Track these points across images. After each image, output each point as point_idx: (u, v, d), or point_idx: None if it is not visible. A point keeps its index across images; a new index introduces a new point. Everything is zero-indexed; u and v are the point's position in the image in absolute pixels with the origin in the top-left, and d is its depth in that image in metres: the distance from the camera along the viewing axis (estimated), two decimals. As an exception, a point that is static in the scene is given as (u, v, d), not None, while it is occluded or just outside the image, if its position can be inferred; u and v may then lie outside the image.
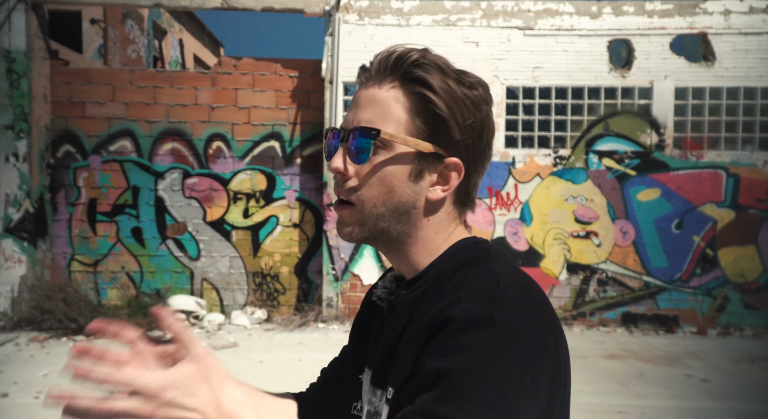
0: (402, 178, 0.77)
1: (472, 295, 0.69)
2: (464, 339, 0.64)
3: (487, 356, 0.62)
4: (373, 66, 0.80)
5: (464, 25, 7.61)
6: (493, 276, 0.72)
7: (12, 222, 7.34)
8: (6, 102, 7.29)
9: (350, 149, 0.78)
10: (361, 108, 0.79)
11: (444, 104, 0.75)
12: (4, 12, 7.25)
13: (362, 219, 0.79)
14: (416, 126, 0.76)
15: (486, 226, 7.65)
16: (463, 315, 0.66)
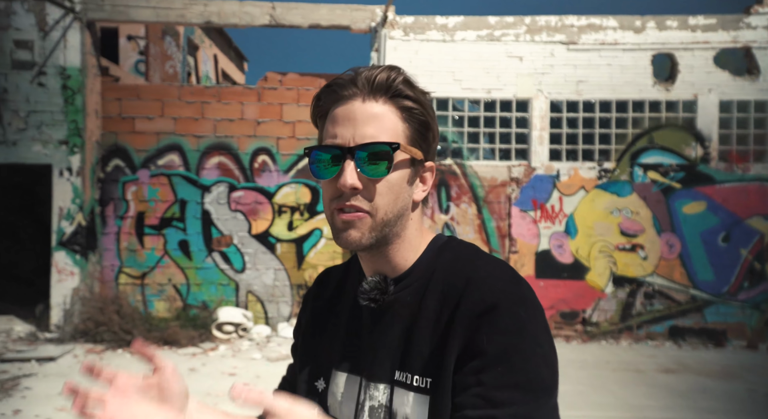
0: (403, 184, 0.85)
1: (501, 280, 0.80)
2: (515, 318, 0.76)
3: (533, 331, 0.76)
4: (359, 82, 0.83)
5: (508, 40, 7.70)
6: (501, 263, 0.85)
7: (65, 236, 7.47)
8: (60, 118, 7.46)
9: (364, 164, 0.81)
10: (360, 123, 0.82)
11: (431, 118, 0.86)
12: (60, 30, 7.45)
13: (373, 225, 0.83)
14: (410, 136, 0.84)
15: (531, 239, 7.68)
16: (508, 298, 0.77)
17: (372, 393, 0.85)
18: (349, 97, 0.83)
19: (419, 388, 0.80)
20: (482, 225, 7.73)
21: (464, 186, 7.74)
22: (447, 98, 7.78)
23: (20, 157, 7.42)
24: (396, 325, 0.85)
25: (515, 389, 0.72)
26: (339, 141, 0.82)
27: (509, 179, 7.71)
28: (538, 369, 0.74)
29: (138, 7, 7.55)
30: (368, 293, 0.88)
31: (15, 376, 5.46)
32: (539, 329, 0.77)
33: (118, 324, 6.75)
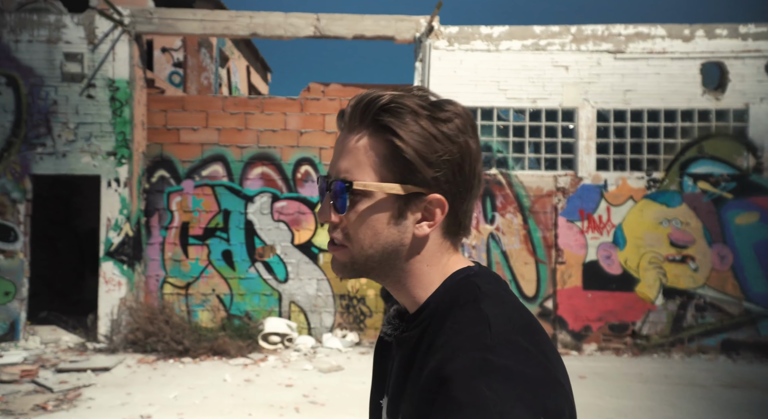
0: (383, 221, 0.80)
1: (465, 346, 0.68)
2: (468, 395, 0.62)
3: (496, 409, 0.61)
4: (347, 113, 0.82)
5: (554, 50, 7.65)
6: (482, 319, 0.72)
7: (112, 246, 7.52)
8: (109, 129, 7.54)
9: (334, 199, 0.81)
10: (338, 157, 0.82)
11: (412, 148, 0.76)
12: (108, 43, 7.54)
13: (353, 259, 0.82)
14: (390, 170, 0.78)
15: (578, 250, 7.58)
16: (463, 370, 0.65)
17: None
18: (342, 128, 0.84)
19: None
20: (528, 235, 7.65)
21: (509, 196, 7.67)
22: (492, 108, 7.74)
23: (70, 169, 7.50)
24: (403, 364, 0.82)
25: None
26: (327, 171, 0.86)
27: (555, 189, 7.63)
28: None
29: (185, 20, 7.62)
30: (384, 327, 0.90)
31: (76, 386, 5.47)
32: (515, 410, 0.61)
33: (169, 335, 6.76)
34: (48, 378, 5.74)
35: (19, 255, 7.43)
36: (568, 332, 7.51)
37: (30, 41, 7.49)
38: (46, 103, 7.48)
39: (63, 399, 5.13)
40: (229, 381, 5.84)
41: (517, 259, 7.64)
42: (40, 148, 7.47)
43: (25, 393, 5.31)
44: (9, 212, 7.43)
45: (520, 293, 7.61)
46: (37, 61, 7.48)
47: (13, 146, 7.45)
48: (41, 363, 6.42)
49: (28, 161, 7.47)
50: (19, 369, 5.73)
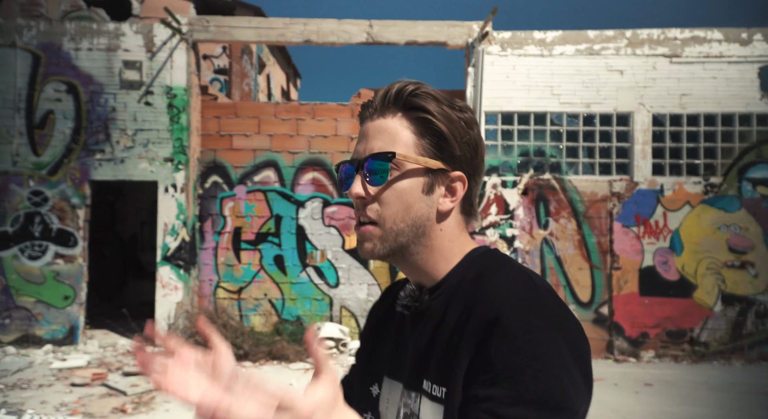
0: (416, 193, 0.85)
1: (514, 290, 0.75)
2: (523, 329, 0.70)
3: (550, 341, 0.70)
4: (376, 101, 0.88)
5: (608, 54, 7.62)
6: (522, 272, 0.80)
7: (169, 251, 7.62)
8: (166, 136, 7.65)
9: (367, 174, 0.85)
10: (371, 138, 0.86)
11: (443, 124, 0.83)
12: (166, 51, 7.66)
13: (384, 235, 0.85)
14: (423, 146, 0.84)
15: (634, 255, 7.51)
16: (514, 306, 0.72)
17: (406, 401, 0.86)
18: (369, 115, 0.88)
19: (435, 397, 0.79)
20: (582, 240, 7.60)
21: (563, 201, 7.63)
22: (545, 112, 7.72)
23: (128, 174, 7.61)
24: (426, 333, 0.85)
25: (527, 405, 0.67)
26: (356, 156, 0.88)
27: (610, 194, 7.58)
28: (556, 384, 0.68)
29: (241, 28, 7.72)
30: (402, 300, 0.92)
31: (148, 390, 5.54)
32: (559, 340, 0.70)
33: (230, 339, 6.81)
34: (118, 382, 5.81)
35: (78, 260, 7.56)
36: (625, 339, 7.43)
37: (90, 49, 7.63)
38: (105, 110, 7.61)
39: (139, 402, 5.19)
40: (295, 384, 5.86)
41: (571, 265, 7.59)
42: (99, 154, 7.60)
43: (99, 396, 5.38)
44: (69, 217, 7.56)
45: (575, 299, 7.55)
46: (96, 69, 7.62)
47: (72, 152, 7.59)
48: (106, 367, 6.50)
49: (88, 167, 7.60)
50: (90, 373, 5.81)
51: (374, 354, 0.99)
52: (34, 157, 7.56)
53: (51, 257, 7.52)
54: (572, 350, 0.71)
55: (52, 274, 7.51)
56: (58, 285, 7.50)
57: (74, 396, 5.36)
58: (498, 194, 7.69)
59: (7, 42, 7.59)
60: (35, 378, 6.08)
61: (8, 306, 7.46)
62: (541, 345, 0.69)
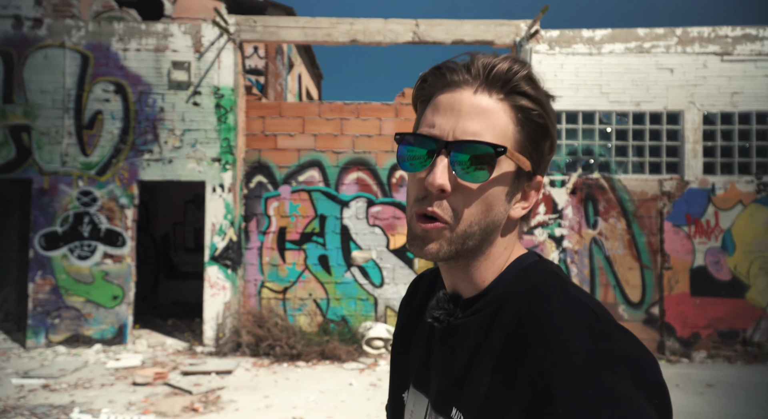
0: (501, 196, 0.73)
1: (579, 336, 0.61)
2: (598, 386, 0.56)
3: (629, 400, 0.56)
4: (474, 69, 0.72)
5: (658, 52, 7.56)
6: (585, 307, 0.66)
7: (217, 251, 7.62)
8: (213, 136, 7.66)
9: (457, 164, 0.70)
10: (466, 117, 0.70)
11: (546, 118, 0.72)
12: (214, 51, 7.67)
13: (453, 238, 0.71)
14: (521, 141, 0.72)
15: (685, 255, 7.44)
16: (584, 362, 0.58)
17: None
18: (458, 84, 0.72)
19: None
20: (632, 240, 7.53)
21: (612, 200, 7.57)
22: (593, 111, 7.66)
23: (176, 175, 7.63)
24: (460, 353, 0.74)
25: None
26: (436, 132, 0.71)
27: (660, 193, 7.51)
28: None
29: (288, 28, 7.72)
30: (433, 310, 0.79)
31: (211, 389, 5.53)
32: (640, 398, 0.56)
33: (285, 340, 6.81)
34: (180, 381, 5.81)
35: (126, 260, 7.58)
36: (677, 339, 7.36)
37: (138, 50, 7.66)
38: (154, 110, 7.63)
39: (206, 401, 5.19)
40: (355, 385, 5.84)
41: (621, 264, 7.53)
42: (147, 154, 7.62)
43: (165, 396, 5.39)
44: (117, 217, 7.59)
45: (625, 299, 7.49)
46: (144, 69, 7.64)
47: (121, 153, 7.61)
48: (161, 366, 6.51)
49: (136, 167, 7.62)
50: (152, 372, 5.82)
51: (405, 357, 0.90)
52: (83, 157, 7.59)
53: (100, 257, 7.54)
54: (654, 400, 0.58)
55: (101, 274, 7.53)
56: (107, 285, 7.53)
57: (139, 395, 5.37)
58: (546, 193, 7.64)
59: (56, 42, 7.62)
60: (94, 377, 6.10)
61: (58, 305, 7.49)
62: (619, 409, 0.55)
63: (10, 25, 7.57)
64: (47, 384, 5.73)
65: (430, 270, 0.94)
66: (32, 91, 7.57)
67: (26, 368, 6.44)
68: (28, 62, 7.58)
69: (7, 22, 7.58)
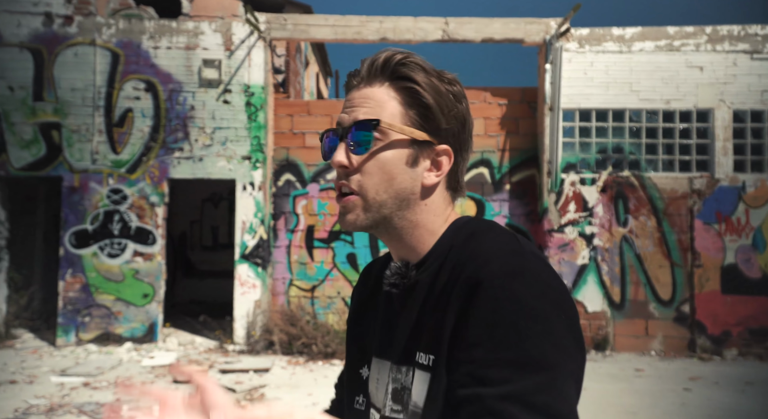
0: (400, 164, 0.82)
1: (497, 253, 0.74)
2: (505, 292, 0.69)
3: (532, 305, 0.68)
4: (363, 69, 0.85)
5: (688, 50, 7.57)
6: (509, 234, 0.79)
7: (247, 249, 7.61)
8: (244, 134, 7.65)
9: (351, 143, 0.82)
10: (356, 106, 0.84)
11: (430, 96, 0.82)
12: (245, 49, 7.67)
13: (366, 206, 0.83)
14: (409, 117, 0.82)
15: (715, 253, 7.45)
16: (500, 270, 0.71)
17: (395, 376, 0.84)
18: (356, 84, 0.86)
19: (423, 366, 0.78)
20: (662, 238, 7.55)
21: (643, 198, 7.58)
22: (623, 109, 7.67)
23: (206, 173, 7.62)
24: (416, 306, 0.83)
25: (507, 366, 0.66)
26: (339, 124, 0.86)
27: (690, 191, 7.52)
28: (537, 345, 0.67)
29: (318, 26, 7.72)
30: (389, 278, 0.88)
31: (253, 387, 5.53)
32: (543, 304, 0.69)
33: (319, 338, 6.80)
34: (220, 379, 5.81)
35: (157, 258, 7.56)
36: (707, 337, 7.38)
37: (169, 48, 7.65)
38: (184, 108, 7.62)
39: (251, 399, 5.18)
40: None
41: (651, 262, 7.54)
42: (178, 152, 7.61)
43: (208, 393, 5.37)
44: (147, 215, 7.57)
45: (655, 297, 7.50)
46: (175, 67, 7.63)
47: (151, 151, 7.60)
48: (197, 364, 6.50)
49: (166, 165, 7.61)
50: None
51: (362, 337, 0.97)
52: (114, 155, 7.58)
53: (130, 255, 7.53)
54: (557, 311, 0.70)
55: (131, 272, 7.52)
56: (137, 283, 7.51)
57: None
58: (576, 191, 7.65)
59: (86, 40, 7.61)
60: (132, 375, 6.09)
61: (88, 304, 7.48)
62: (523, 311, 0.68)
63: (41, 22, 7.56)
64: (87, 383, 5.72)
65: (380, 257, 1.04)
66: (62, 89, 7.56)
67: (61, 366, 6.43)
68: (58, 60, 7.57)
69: (37, 20, 7.56)
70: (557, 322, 0.69)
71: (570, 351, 0.69)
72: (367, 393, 0.92)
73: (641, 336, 7.46)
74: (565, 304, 0.72)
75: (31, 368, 6.38)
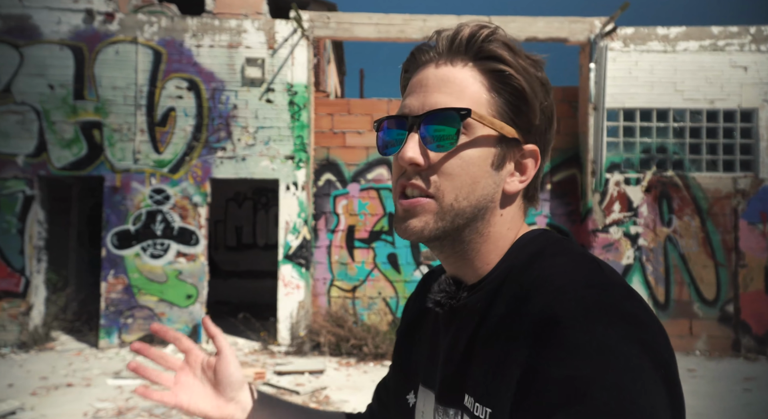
0: (485, 166, 0.68)
1: (576, 284, 0.58)
2: (583, 336, 0.53)
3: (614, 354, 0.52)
4: (440, 44, 0.70)
5: (732, 50, 7.57)
6: (589, 260, 0.63)
7: (291, 249, 7.56)
8: (287, 133, 7.59)
9: (427, 136, 0.67)
10: (431, 90, 0.68)
11: (525, 81, 0.68)
12: (288, 47, 7.60)
13: (441, 213, 0.68)
14: (497, 107, 0.68)
15: (760, 253, 7.47)
16: (577, 310, 0.55)
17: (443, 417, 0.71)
18: (426, 61, 0.71)
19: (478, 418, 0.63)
20: (706, 238, 7.55)
21: (687, 198, 7.58)
22: (667, 109, 7.66)
23: (249, 172, 7.55)
24: (462, 336, 0.69)
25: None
26: (406, 110, 0.70)
27: (734, 191, 7.53)
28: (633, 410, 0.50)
29: (361, 24, 7.66)
30: (435, 294, 0.75)
31: (315, 389, 5.49)
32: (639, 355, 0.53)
33: (370, 340, 6.76)
34: (279, 381, 5.76)
35: (200, 259, 7.50)
36: (752, 337, 7.39)
37: (211, 46, 7.57)
38: (227, 108, 7.55)
39: (318, 401, 5.14)
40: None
41: (695, 262, 7.54)
42: (221, 151, 7.54)
43: (272, 396, 5.33)
44: (190, 216, 7.51)
45: (700, 297, 7.51)
46: (218, 66, 7.56)
47: (194, 150, 7.53)
48: (249, 366, 6.45)
49: (209, 165, 7.54)
50: (252, 372, 5.76)
51: (410, 357, 0.85)
52: (156, 155, 7.50)
53: (173, 256, 7.46)
54: (654, 362, 0.54)
55: (174, 273, 7.45)
56: (180, 284, 7.45)
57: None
58: (621, 191, 7.64)
59: (128, 37, 7.52)
60: (188, 377, 6.02)
61: (131, 305, 7.40)
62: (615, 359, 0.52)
63: (81, 19, 7.46)
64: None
65: (440, 265, 0.87)
66: (104, 87, 7.47)
67: (110, 369, 6.36)
68: (99, 58, 7.48)
69: (78, 17, 7.47)
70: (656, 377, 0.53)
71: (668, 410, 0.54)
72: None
73: (685, 336, 7.47)
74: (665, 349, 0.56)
75: (81, 370, 6.31)
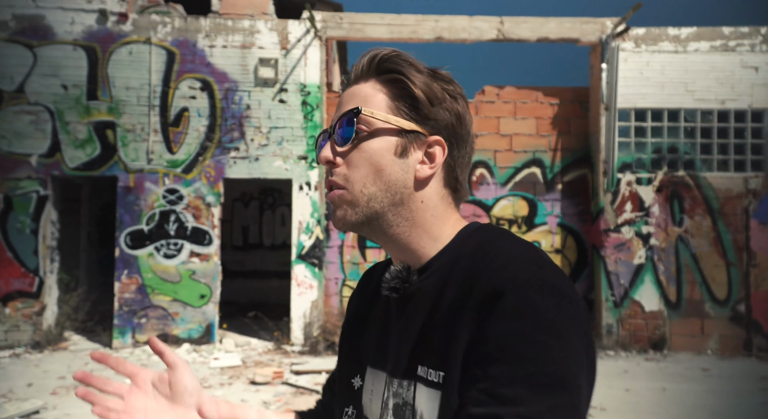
0: (387, 155, 0.78)
1: (516, 262, 0.70)
2: (527, 304, 0.65)
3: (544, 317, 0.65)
4: (352, 72, 0.85)
5: (743, 51, 7.61)
6: (527, 245, 0.75)
7: (304, 249, 7.58)
8: (300, 133, 7.60)
9: (336, 138, 0.80)
10: (344, 105, 0.82)
11: (419, 86, 0.79)
12: (300, 48, 7.61)
13: (353, 200, 0.79)
14: (397, 108, 0.79)
15: (771, 252, 7.51)
16: (517, 282, 0.67)
17: (396, 390, 0.79)
18: (345, 86, 0.85)
19: (432, 383, 0.73)
20: (718, 237, 7.59)
21: (698, 198, 7.62)
22: (678, 109, 7.70)
23: (262, 172, 7.57)
24: (417, 316, 0.78)
25: (525, 385, 0.63)
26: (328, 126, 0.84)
27: (746, 191, 7.57)
28: (555, 362, 0.63)
29: (374, 25, 7.68)
30: (389, 282, 0.83)
31: (336, 389, 5.50)
32: (562, 319, 0.66)
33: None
34: (298, 380, 5.78)
35: (213, 258, 7.51)
36: (764, 336, 7.43)
37: (224, 47, 7.58)
38: (240, 108, 7.56)
39: (338, 401, 5.16)
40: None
41: (707, 262, 7.58)
42: (234, 152, 7.55)
43: (293, 395, 5.35)
44: (203, 216, 7.51)
45: (711, 296, 7.55)
46: (231, 66, 7.57)
47: (207, 150, 7.54)
48: (263, 366, 6.46)
49: (222, 165, 7.55)
50: (271, 372, 5.78)
51: (356, 345, 0.92)
52: (169, 155, 7.51)
53: (186, 255, 7.47)
54: (576, 327, 0.67)
55: (188, 273, 7.46)
56: (194, 284, 7.45)
57: (267, 395, 5.33)
58: (633, 191, 7.67)
59: (141, 38, 7.53)
60: (206, 377, 6.05)
61: (144, 305, 7.41)
62: (542, 325, 0.65)
63: (95, 19, 7.46)
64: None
65: (384, 261, 0.97)
66: (117, 88, 7.47)
67: (127, 368, 6.36)
68: (112, 58, 7.48)
69: (91, 17, 7.47)
70: (576, 339, 0.66)
71: (585, 367, 0.67)
72: (359, 405, 0.87)
73: (697, 336, 7.50)
74: (584, 317, 0.70)
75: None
